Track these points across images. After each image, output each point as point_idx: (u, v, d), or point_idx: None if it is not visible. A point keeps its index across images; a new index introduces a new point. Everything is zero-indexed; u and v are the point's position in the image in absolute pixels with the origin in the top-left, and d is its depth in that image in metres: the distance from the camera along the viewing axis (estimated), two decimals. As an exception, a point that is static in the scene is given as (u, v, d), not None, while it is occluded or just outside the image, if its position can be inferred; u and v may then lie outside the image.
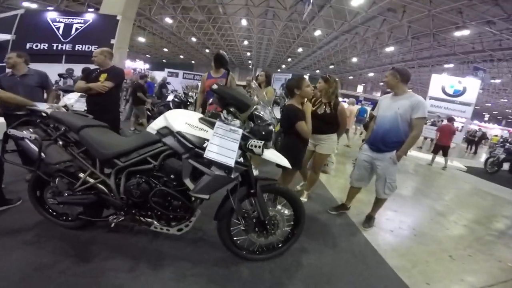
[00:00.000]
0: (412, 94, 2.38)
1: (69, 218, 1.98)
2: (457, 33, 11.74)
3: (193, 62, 33.34)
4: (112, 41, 7.40)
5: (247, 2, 13.63)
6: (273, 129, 1.66)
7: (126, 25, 8.20)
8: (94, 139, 1.73)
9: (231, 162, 1.45)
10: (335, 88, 2.78)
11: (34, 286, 1.49)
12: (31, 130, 1.82)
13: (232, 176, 1.53)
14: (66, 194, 1.80)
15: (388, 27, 13.74)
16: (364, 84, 32.06)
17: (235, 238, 1.86)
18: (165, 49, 25.91)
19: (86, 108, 3.10)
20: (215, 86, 1.53)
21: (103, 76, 2.83)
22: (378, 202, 2.71)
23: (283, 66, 31.03)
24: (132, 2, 8.50)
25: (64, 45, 6.85)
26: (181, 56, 30.24)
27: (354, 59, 21.45)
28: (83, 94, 3.22)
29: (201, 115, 1.71)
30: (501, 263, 2.40)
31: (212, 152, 1.47)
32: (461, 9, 10.07)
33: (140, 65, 21.54)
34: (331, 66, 25.98)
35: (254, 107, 1.66)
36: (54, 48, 6.74)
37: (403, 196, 3.96)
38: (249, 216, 1.75)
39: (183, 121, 1.60)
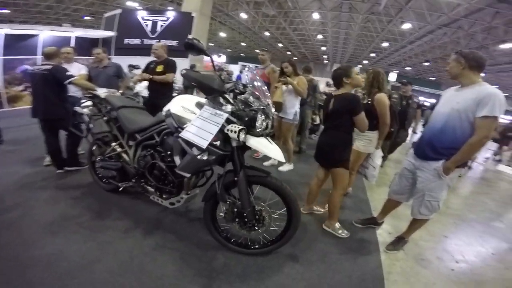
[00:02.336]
0: (481, 84, 1.71)
1: (106, 182, 2.51)
2: None
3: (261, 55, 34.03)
4: (189, 36, 8.29)
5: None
6: (259, 115, 1.61)
7: (203, 21, 9.06)
8: (126, 117, 2.19)
9: (204, 144, 1.49)
10: (373, 80, 2.42)
11: (52, 229, 1.94)
12: (88, 108, 2.43)
13: (205, 158, 1.57)
14: (98, 159, 2.33)
15: (503, 21, 10.72)
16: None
17: (221, 224, 1.89)
18: (243, 44, 27.35)
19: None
20: (183, 71, 1.59)
21: (160, 67, 3.31)
22: (414, 223, 2.17)
23: (365, 62, 28.25)
24: (207, -1, 9.31)
25: (152, 40, 8.07)
26: (257, 51, 31.29)
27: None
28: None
29: (201, 100, 1.78)
30: None
31: (188, 133, 1.56)
32: None
33: (216, 59, 23.59)
34: (426, 63, 22.11)
35: (229, 91, 1.67)
36: (144, 43, 8.02)
37: (470, 221, 3.10)
38: (232, 204, 1.72)
39: (180, 104, 1.77)
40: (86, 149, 2.76)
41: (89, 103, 2.47)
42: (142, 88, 4.90)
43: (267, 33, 22.45)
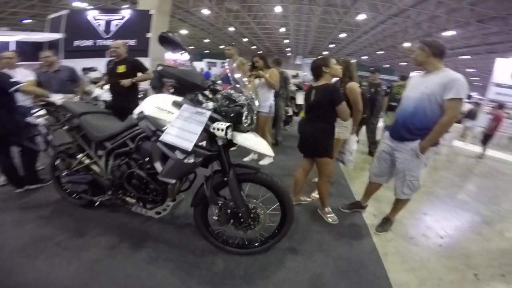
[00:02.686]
0: (445, 70, 1.90)
1: (76, 197, 2.23)
2: None
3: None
4: (148, 35, 7.82)
5: (281, -13, 13.08)
6: (245, 111, 1.53)
7: (162, 19, 8.57)
8: (90, 124, 1.93)
9: (188, 146, 1.38)
10: (344, 69, 2.44)
11: (28, 253, 1.70)
12: (43, 118, 2.12)
13: (192, 161, 1.46)
14: (64, 174, 2.06)
15: (445, 10, 11.86)
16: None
17: (215, 228, 1.80)
18: (206, 40, 26.69)
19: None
20: (159, 68, 1.44)
21: (122, 68, 3.01)
22: (398, 203, 2.31)
23: (325, 52, 29.35)
24: (166, -4, 8.83)
25: (106, 40, 7.45)
26: (221, 46, 30.77)
27: (407, 44, 19.18)
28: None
29: (177, 99, 1.64)
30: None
31: (169, 135, 1.43)
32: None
33: (179, 56, 22.64)
34: (380, 52, 23.71)
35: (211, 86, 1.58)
36: (98, 44, 7.37)
37: (442, 197, 3.38)
38: (225, 206, 1.64)
39: (154, 105, 1.62)
40: (46, 164, 2.48)
41: (42, 112, 2.16)
42: (102, 91, 4.50)
43: (231, 29, 22.17)
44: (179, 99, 1.62)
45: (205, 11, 16.67)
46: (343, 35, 20.08)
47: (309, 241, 2.08)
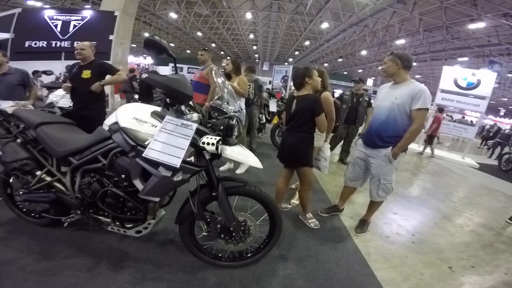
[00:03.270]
0: (412, 82, 2.09)
1: (36, 216, 1.95)
2: (472, 26, 11.16)
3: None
4: (111, 37, 7.36)
5: (251, -5, 13.33)
6: (235, 123, 1.49)
7: (127, 21, 8.16)
8: (49, 136, 1.67)
9: (176, 162, 1.26)
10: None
11: None
12: None
13: (181, 179, 1.37)
14: (21, 193, 1.75)
15: (398, 19, 13.22)
16: (374, 78, 31.07)
17: (203, 243, 1.72)
18: (172, 44, 25.91)
19: (71, 105, 3.03)
20: (144, 75, 1.30)
21: (87, 73, 2.71)
22: (373, 205, 2.47)
23: (290, 59, 30.49)
24: (132, -3, 8.43)
25: (63, 42, 6.82)
26: (188, 51, 30.22)
27: (364, 52, 20.79)
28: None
29: (156, 109, 1.52)
30: (508, 276, 2.15)
31: (154, 151, 1.29)
32: (475, 1, 9.58)
33: (143, 60, 21.56)
34: (340, 60, 25.34)
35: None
36: (53, 45, 6.72)
37: (406, 196, 3.71)
38: (213, 221, 1.59)
39: (131, 116, 1.45)
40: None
41: None
42: (58, 97, 3.99)
43: (199, 33, 21.87)
44: (158, 109, 1.52)
45: (173, 15, 16.24)
46: (307, 42, 21.12)
47: (296, 247, 2.11)
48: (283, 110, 5.36)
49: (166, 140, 1.30)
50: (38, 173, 1.72)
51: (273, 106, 5.34)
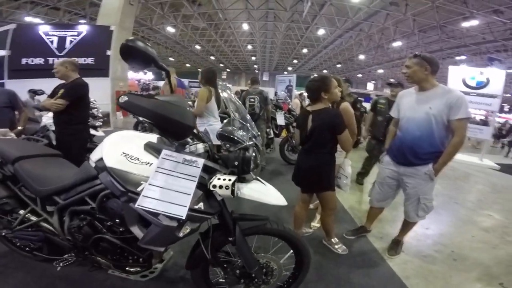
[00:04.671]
0: (442, 87, 1.80)
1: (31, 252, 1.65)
2: (465, 24, 11.17)
3: (199, 70, 33.41)
4: (108, 52, 7.24)
5: (246, 5, 13.40)
6: (252, 154, 1.18)
7: (124, 36, 8.06)
8: (29, 173, 1.40)
9: (181, 213, 0.95)
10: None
11: None
12: None
13: (188, 231, 1.07)
14: (3, 234, 1.51)
15: (392, 22, 13.27)
16: (374, 82, 31.13)
17: (218, 287, 1.42)
18: (171, 59, 26.07)
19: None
20: (123, 99, 0.92)
21: (62, 91, 2.39)
22: (408, 225, 2.17)
23: (289, 68, 30.62)
24: (128, 12, 8.40)
25: (60, 59, 6.70)
26: (188, 65, 30.42)
27: (361, 57, 20.87)
28: None
29: (151, 139, 1.22)
30: None
31: (150, 199, 0.97)
32: (465, -1, 9.59)
33: (144, 76, 21.53)
34: (338, 65, 25.41)
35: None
36: (50, 62, 6.57)
37: (434, 208, 3.35)
38: (231, 265, 1.29)
39: (120, 151, 1.14)
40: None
41: None
42: (51, 119, 3.73)
43: (197, 47, 21.98)
44: (153, 139, 1.23)
45: (170, 29, 16.33)
46: (305, 50, 21.21)
47: (324, 278, 1.82)
48: (292, 123, 5.17)
49: (164, 184, 0.99)
50: (21, 212, 1.44)
51: (280, 119, 4.91)
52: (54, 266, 1.38)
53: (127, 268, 1.35)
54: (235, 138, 1.21)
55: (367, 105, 9.75)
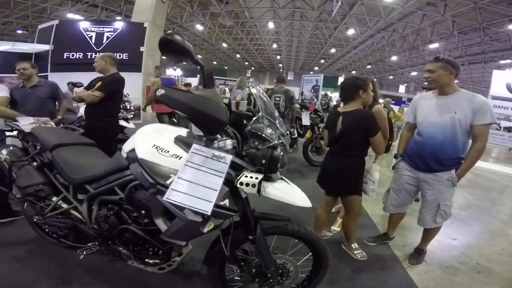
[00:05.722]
0: (463, 92, 1.78)
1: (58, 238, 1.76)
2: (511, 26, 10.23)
3: (225, 67, 34.02)
4: (142, 49, 7.57)
5: (272, 4, 13.33)
6: (280, 153, 1.15)
7: (156, 32, 8.42)
8: (65, 161, 1.48)
9: (207, 208, 0.96)
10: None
11: None
12: (5, 150, 1.67)
13: (212, 227, 1.08)
14: (35, 220, 1.60)
15: (429, 23, 12.44)
16: (406, 84, 29.48)
17: (233, 284, 1.45)
18: (199, 56, 26.80)
19: None
20: (159, 92, 0.95)
21: (99, 84, 2.52)
22: (430, 233, 2.07)
23: (316, 68, 30.01)
24: (161, 9, 8.74)
25: (98, 53, 7.13)
26: (214, 62, 31.06)
27: (394, 58, 19.83)
28: None
29: (181, 133, 1.25)
30: None
31: (177, 193, 0.99)
32: None
33: (173, 72, 22.38)
34: (369, 66, 24.45)
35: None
36: (89, 57, 7.03)
37: (464, 219, 3.14)
38: (248, 264, 1.31)
39: (151, 143, 1.16)
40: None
41: (9, 140, 1.73)
42: None
43: (224, 44, 22.34)
44: (182, 133, 1.25)
45: (199, 26, 16.77)
46: (333, 50, 20.61)
47: (339, 283, 1.79)
48: (317, 124, 5.09)
49: (193, 178, 1.01)
50: (54, 199, 1.53)
51: (306, 119, 4.84)
52: (77, 253, 1.47)
53: (146, 260, 1.40)
54: (264, 135, 1.19)
55: (395, 108, 9.29)
